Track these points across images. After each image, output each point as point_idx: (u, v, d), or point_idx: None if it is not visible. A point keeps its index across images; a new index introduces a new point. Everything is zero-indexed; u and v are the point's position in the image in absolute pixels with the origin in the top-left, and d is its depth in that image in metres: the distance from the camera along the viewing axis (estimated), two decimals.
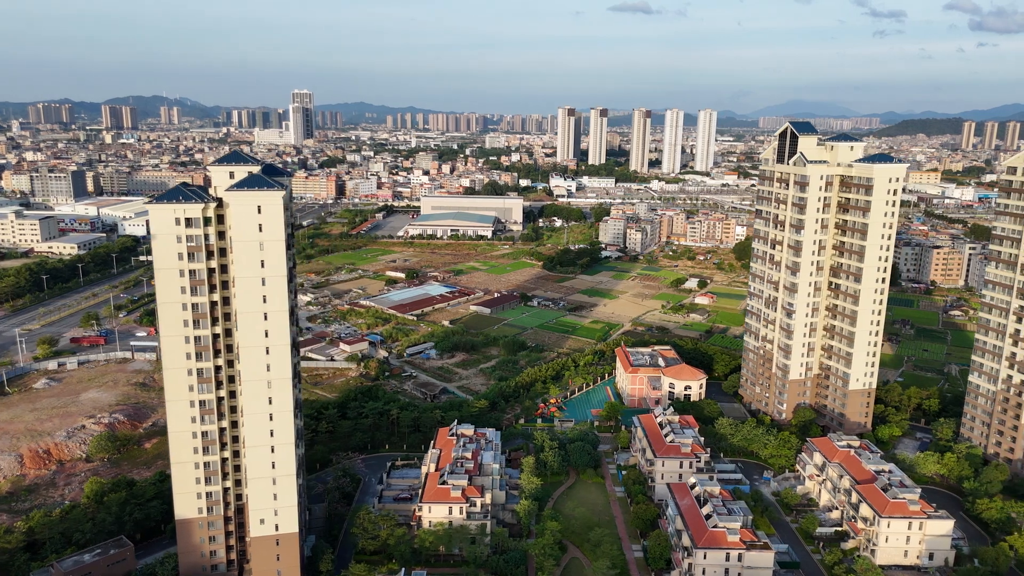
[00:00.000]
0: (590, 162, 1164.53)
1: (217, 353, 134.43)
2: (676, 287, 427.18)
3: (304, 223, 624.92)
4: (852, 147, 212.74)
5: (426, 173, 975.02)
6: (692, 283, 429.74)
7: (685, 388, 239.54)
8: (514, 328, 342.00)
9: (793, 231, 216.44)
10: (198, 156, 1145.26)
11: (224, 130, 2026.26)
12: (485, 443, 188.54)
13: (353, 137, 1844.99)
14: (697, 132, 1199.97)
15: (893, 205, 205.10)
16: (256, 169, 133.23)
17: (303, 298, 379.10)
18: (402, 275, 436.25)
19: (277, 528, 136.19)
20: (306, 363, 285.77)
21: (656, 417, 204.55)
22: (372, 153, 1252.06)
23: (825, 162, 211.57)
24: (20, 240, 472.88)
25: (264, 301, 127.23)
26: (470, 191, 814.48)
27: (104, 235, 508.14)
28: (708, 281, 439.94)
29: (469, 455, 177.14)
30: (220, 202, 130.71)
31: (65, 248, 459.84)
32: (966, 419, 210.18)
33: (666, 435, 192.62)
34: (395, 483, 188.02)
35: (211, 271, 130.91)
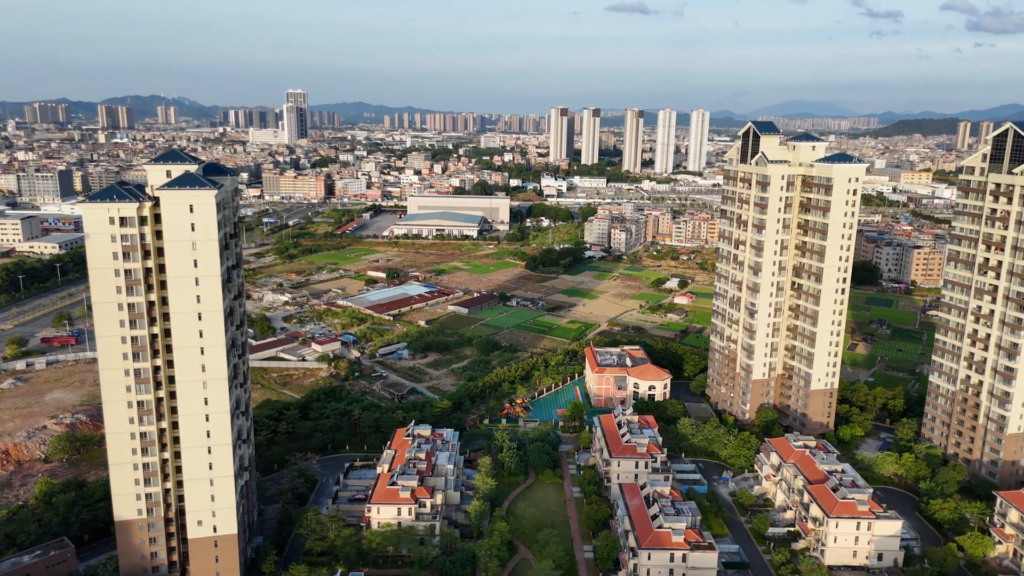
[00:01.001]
0: (583, 162, 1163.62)
1: (156, 353, 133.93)
2: (657, 287, 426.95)
3: (290, 223, 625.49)
4: (814, 147, 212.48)
5: (418, 173, 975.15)
6: (673, 283, 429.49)
7: (650, 388, 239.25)
8: (490, 328, 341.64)
9: (755, 231, 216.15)
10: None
11: (220, 130, 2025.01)
12: (441, 444, 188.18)
13: (349, 137, 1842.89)
14: (690, 132, 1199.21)
15: (853, 205, 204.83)
16: (194, 168, 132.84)
17: (280, 298, 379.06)
18: (383, 275, 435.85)
19: (215, 530, 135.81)
20: (277, 363, 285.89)
21: (616, 417, 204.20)
22: (365, 153, 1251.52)
23: (786, 162, 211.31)
24: (2, 240, 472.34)
25: (198, 301, 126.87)
26: (460, 191, 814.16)
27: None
28: (689, 281, 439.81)
29: (423, 456, 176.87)
30: (157, 201, 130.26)
31: (46, 248, 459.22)
32: (927, 419, 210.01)
33: (623, 435, 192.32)
34: (352, 484, 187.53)
35: (148, 271, 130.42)
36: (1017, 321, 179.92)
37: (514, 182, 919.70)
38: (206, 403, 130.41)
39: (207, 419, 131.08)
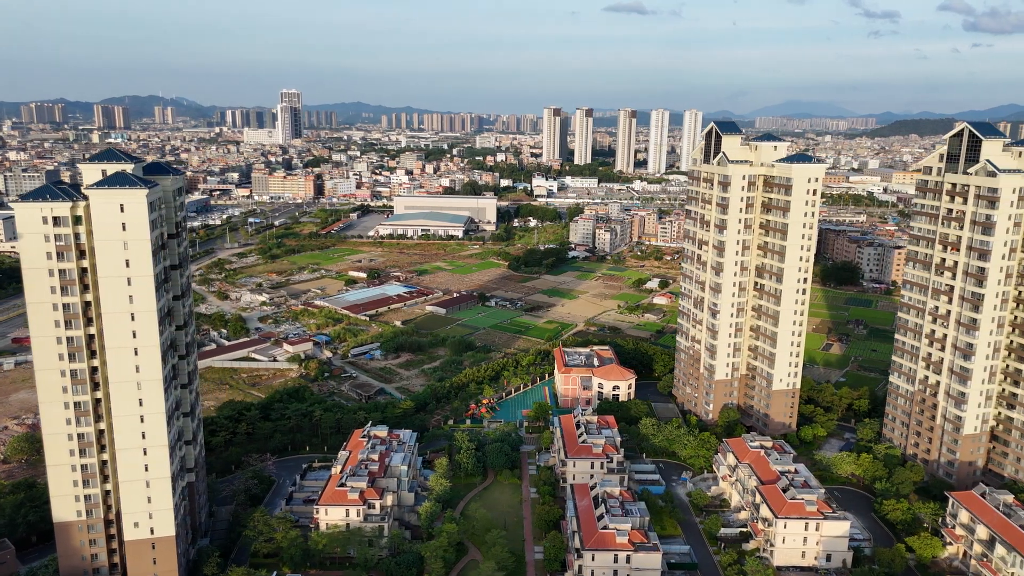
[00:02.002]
0: (576, 162, 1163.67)
1: (93, 354, 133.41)
2: (638, 287, 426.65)
3: (276, 223, 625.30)
4: (775, 147, 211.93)
5: (409, 173, 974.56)
6: (654, 283, 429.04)
7: (614, 388, 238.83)
8: (467, 328, 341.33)
9: (717, 231, 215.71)
10: (184, 155, 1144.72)
11: (217, 130, 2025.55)
12: (397, 445, 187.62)
13: (345, 137, 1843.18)
14: (683, 132, 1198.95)
15: (812, 205, 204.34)
16: (130, 167, 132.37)
17: (258, 298, 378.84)
18: (363, 275, 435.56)
19: (153, 532, 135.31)
20: (248, 364, 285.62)
21: (575, 418, 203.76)
22: (359, 153, 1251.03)
23: (747, 162, 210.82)
24: None
25: (131, 301, 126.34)
26: (450, 191, 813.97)
27: None
28: (671, 281, 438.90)
29: (376, 457, 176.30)
30: None
31: None
32: (888, 420, 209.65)
33: (580, 436, 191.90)
34: (308, 485, 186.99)
35: (83, 271, 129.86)
36: (972, 321, 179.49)
37: (505, 182, 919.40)
38: (141, 404, 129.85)
39: (142, 420, 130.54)
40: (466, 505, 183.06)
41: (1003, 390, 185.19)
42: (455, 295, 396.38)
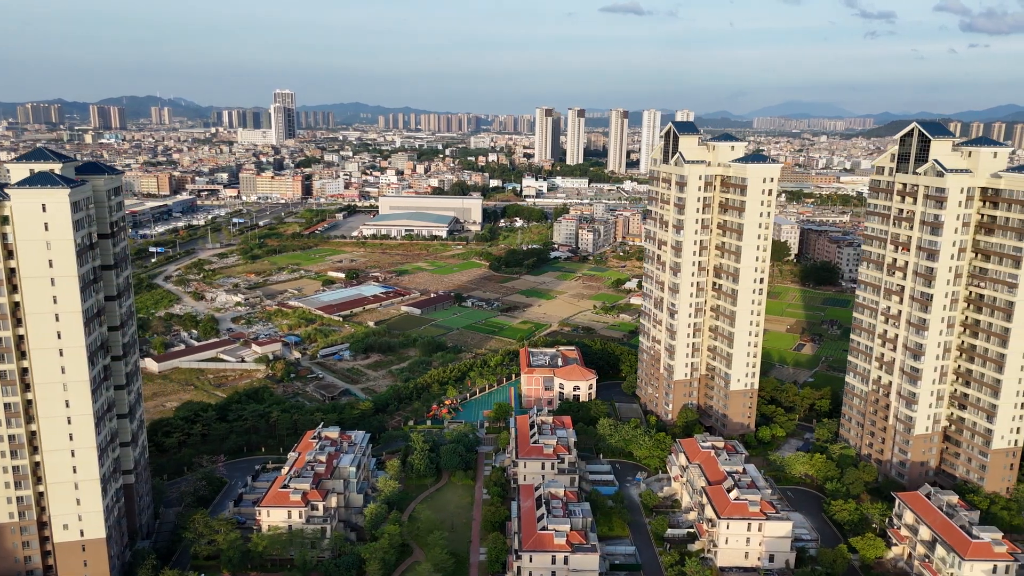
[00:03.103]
0: (567, 162, 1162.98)
1: (23, 355, 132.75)
2: (616, 287, 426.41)
3: (260, 223, 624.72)
4: (733, 147, 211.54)
5: (400, 173, 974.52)
6: (633, 283, 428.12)
7: (574, 389, 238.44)
8: (440, 329, 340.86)
9: (675, 231, 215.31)
10: (176, 156, 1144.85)
11: (212, 130, 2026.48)
12: (348, 446, 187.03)
13: (341, 137, 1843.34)
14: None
15: (768, 205, 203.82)
16: (58, 167, 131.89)
17: (233, 298, 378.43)
18: (342, 276, 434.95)
19: (83, 534, 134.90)
20: (215, 364, 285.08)
21: (530, 418, 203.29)
22: (351, 153, 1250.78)
23: (704, 162, 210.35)
24: None
25: (55, 302, 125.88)
26: (438, 191, 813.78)
27: None
28: None
29: (323, 458, 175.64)
30: None
31: None
32: (844, 420, 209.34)
33: (532, 436, 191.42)
34: (260, 487, 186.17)
35: (12, 271, 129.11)
36: (921, 322, 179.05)
37: (495, 182, 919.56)
38: (67, 406, 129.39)
39: (69, 422, 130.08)
40: (417, 506, 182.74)
41: (955, 391, 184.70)
42: (432, 295, 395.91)
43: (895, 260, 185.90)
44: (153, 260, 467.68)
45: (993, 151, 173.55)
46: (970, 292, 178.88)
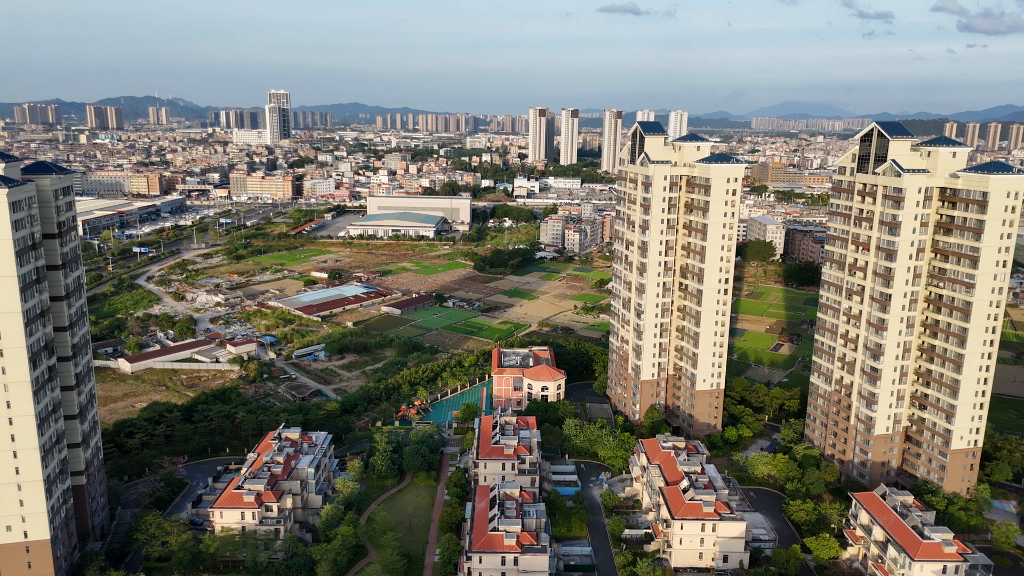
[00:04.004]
0: (561, 162, 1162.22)
1: None
2: (599, 287, 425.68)
3: (248, 223, 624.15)
4: (699, 147, 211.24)
5: (392, 174, 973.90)
6: None
7: (542, 389, 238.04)
8: (420, 329, 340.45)
9: (641, 231, 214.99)
10: (169, 156, 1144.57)
11: (209, 130, 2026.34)
12: (308, 447, 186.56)
13: (337, 137, 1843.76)
14: (667, 133, 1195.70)
15: (732, 205, 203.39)
16: (1, 167, 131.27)
17: (214, 299, 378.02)
18: (325, 276, 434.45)
19: (26, 535, 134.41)
20: (190, 365, 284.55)
21: (494, 418, 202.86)
22: (345, 153, 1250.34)
23: (669, 162, 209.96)
24: None
25: None
26: (429, 191, 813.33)
27: None
28: None
29: (281, 459, 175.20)
30: None
31: None
32: (809, 420, 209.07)
33: (494, 437, 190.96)
34: (220, 488, 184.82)
35: None
36: (880, 322, 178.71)
37: (487, 183, 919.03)
38: (8, 407, 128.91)
39: (11, 423, 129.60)
40: (378, 507, 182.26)
41: (916, 391, 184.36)
42: (413, 296, 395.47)
43: (856, 260, 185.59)
44: (137, 260, 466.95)
45: (952, 151, 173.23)
46: (930, 292, 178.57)
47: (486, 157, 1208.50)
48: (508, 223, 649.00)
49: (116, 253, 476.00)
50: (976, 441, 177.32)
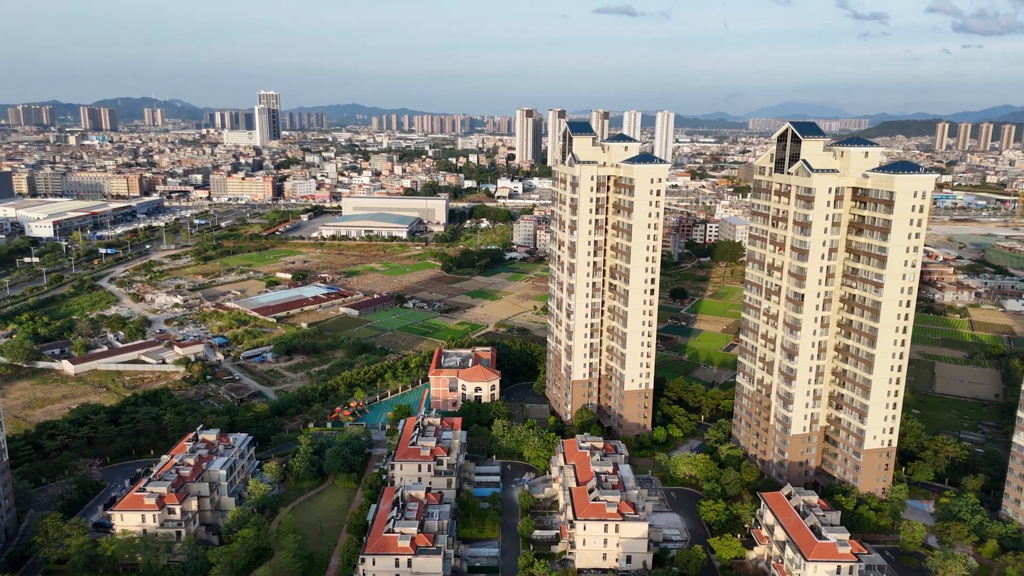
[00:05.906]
0: (548, 163, 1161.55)
1: None
2: None
3: (222, 224, 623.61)
4: (626, 147, 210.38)
5: (378, 174, 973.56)
6: None
7: (476, 389, 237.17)
8: (375, 330, 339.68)
9: (570, 232, 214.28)
10: (156, 157, 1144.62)
11: (203, 131, 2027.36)
12: (224, 449, 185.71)
13: (330, 138, 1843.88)
14: (655, 133, 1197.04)
15: (656, 205, 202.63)
16: None
17: (172, 300, 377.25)
18: (288, 277, 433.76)
19: None
20: (136, 367, 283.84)
21: (418, 420, 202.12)
22: (333, 154, 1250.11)
23: (595, 163, 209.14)
24: None
25: None
26: (411, 192, 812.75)
27: (4, 237, 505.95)
28: None
29: (191, 461, 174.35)
30: None
31: None
32: (735, 420, 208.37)
33: (412, 438, 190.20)
34: None
35: None
36: (795, 321, 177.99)
37: (470, 183, 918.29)
38: None
39: None
40: (292, 510, 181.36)
41: (833, 391, 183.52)
42: (374, 296, 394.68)
43: (774, 260, 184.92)
44: (102, 260, 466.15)
45: (864, 151, 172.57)
46: (844, 292, 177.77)
47: (473, 158, 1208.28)
48: (485, 223, 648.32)
49: (83, 254, 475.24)
50: (890, 441, 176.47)
